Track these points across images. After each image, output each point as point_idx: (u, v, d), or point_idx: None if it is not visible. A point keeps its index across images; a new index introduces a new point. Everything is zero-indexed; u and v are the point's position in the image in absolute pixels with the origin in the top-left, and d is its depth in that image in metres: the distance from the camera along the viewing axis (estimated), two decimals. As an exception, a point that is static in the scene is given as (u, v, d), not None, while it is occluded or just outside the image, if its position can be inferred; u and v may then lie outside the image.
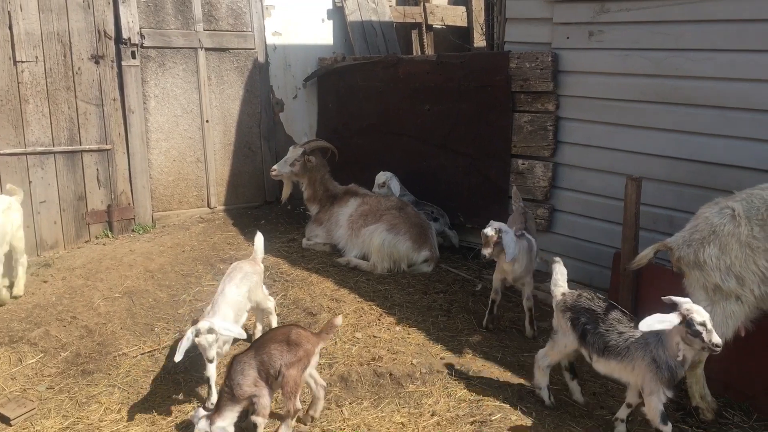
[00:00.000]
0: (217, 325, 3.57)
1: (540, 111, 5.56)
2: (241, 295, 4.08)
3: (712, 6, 4.42)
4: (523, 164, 5.72)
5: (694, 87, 4.59)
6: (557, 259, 3.97)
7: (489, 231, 4.29)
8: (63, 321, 4.84)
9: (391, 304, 5.12)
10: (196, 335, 3.54)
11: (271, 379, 3.47)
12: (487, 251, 4.32)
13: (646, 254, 3.78)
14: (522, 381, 4.05)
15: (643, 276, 4.33)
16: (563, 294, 3.75)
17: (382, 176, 6.43)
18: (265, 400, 3.46)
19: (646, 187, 4.41)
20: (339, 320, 3.76)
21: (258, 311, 4.50)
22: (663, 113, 4.78)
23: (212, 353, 3.60)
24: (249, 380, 3.43)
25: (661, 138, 4.81)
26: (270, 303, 4.49)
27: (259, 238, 4.56)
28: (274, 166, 6.41)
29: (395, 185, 6.31)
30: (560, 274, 3.86)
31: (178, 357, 3.51)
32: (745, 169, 4.36)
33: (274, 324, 4.48)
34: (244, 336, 3.75)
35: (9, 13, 5.73)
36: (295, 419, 3.58)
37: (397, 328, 4.73)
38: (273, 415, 3.66)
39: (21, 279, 5.22)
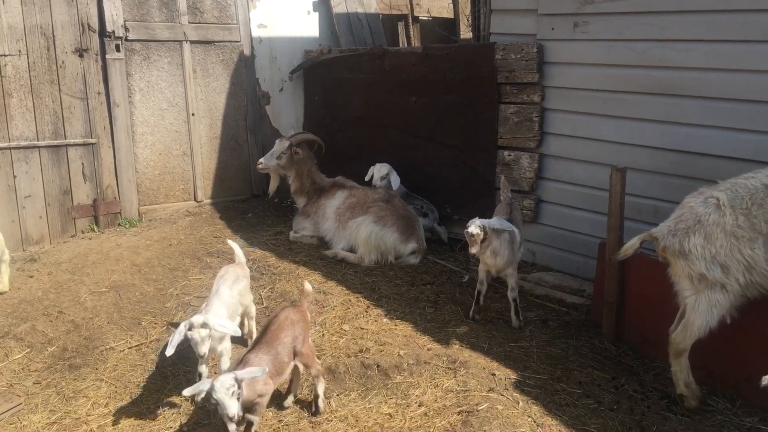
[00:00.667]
0: (212, 321, 3.54)
1: (526, 102, 5.58)
2: (233, 296, 4.06)
3: (696, -4, 4.45)
4: (510, 155, 5.73)
5: (678, 77, 4.62)
6: None
7: (474, 230, 4.27)
8: (49, 316, 4.82)
9: (379, 296, 5.13)
10: (189, 329, 3.49)
11: (285, 365, 3.55)
12: (474, 249, 4.31)
13: (632, 244, 3.80)
14: (509, 371, 4.07)
15: (628, 266, 4.37)
16: None
17: (383, 168, 6.36)
18: (266, 401, 3.45)
19: (630, 177, 4.43)
20: (309, 287, 3.95)
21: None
22: (647, 104, 4.81)
23: (204, 349, 3.53)
24: (262, 378, 3.35)
25: (645, 128, 4.84)
26: (254, 309, 4.46)
27: (235, 246, 4.54)
28: (261, 159, 6.39)
29: (395, 179, 6.30)
30: None
31: (170, 351, 3.43)
32: (728, 158, 4.40)
33: (254, 329, 4.45)
34: (239, 333, 3.73)
35: (-9, 6, 5.68)
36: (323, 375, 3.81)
37: (385, 320, 4.74)
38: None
39: (4, 275, 5.17)
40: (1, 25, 5.73)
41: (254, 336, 4.42)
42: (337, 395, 3.90)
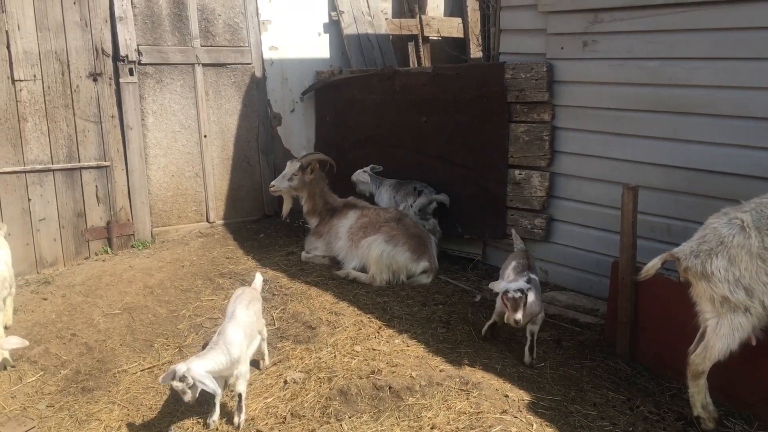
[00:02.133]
0: (194, 372, 3.52)
1: (536, 121, 5.58)
2: (250, 317, 4.06)
3: (705, 15, 4.45)
4: (520, 174, 5.73)
5: (689, 95, 4.61)
6: None
7: (516, 293, 4.09)
8: (63, 338, 4.85)
9: (390, 316, 5.11)
10: (172, 378, 3.51)
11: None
12: (519, 315, 4.10)
13: (653, 265, 3.76)
14: (522, 393, 4.04)
15: (642, 285, 4.33)
16: None
17: (361, 176, 6.72)
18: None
19: (642, 195, 4.41)
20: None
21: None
22: (658, 122, 4.80)
23: (187, 398, 3.55)
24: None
25: (656, 146, 4.83)
26: (265, 330, 4.45)
27: (259, 277, 4.58)
28: (273, 182, 6.41)
29: (365, 177, 6.62)
30: None
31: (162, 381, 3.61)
32: (740, 176, 4.37)
33: (266, 350, 4.44)
34: (219, 393, 3.72)
35: (7, 32, 5.77)
36: None
37: (397, 341, 4.72)
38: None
39: (9, 308, 5.01)
40: (16, 50, 5.83)
41: (266, 356, 4.43)
42: (350, 417, 3.87)
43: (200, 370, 3.55)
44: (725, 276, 3.46)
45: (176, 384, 3.52)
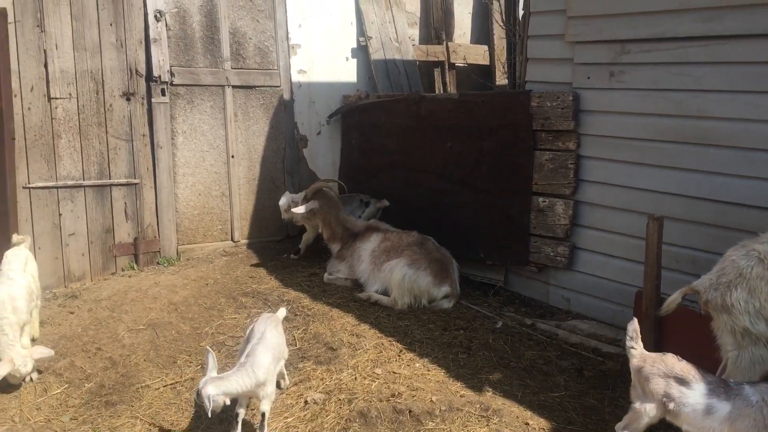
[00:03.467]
0: (209, 391, 3.58)
1: (561, 149, 5.61)
2: (278, 337, 4.09)
3: (732, 48, 4.46)
4: (544, 202, 5.75)
5: (715, 127, 4.61)
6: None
7: None
8: (88, 352, 4.92)
9: (411, 340, 5.13)
10: (197, 395, 3.61)
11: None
12: None
13: (674, 299, 3.75)
14: (543, 421, 4.02)
15: (666, 316, 4.30)
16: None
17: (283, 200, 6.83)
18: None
19: (667, 226, 4.40)
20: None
21: None
22: (683, 153, 4.80)
23: (209, 412, 3.56)
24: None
25: (682, 178, 4.82)
26: (287, 353, 4.44)
27: (282, 311, 4.57)
28: (294, 210, 6.48)
29: (287, 199, 6.78)
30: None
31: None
32: (765, 209, 4.35)
33: (285, 371, 4.44)
34: (261, 379, 3.75)
35: (45, 51, 5.95)
36: None
37: (417, 365, 4.73)
38: None
39: (35, 321, 5.09)
40: (53, 69, 6.00)
41: (286, 377, 4.45)
42: (369, 440, 3.88)
43: (213, 391, 3.60)
44: (745, 308, 3.44)
45: (200, 399, 3.59)
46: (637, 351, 3.37)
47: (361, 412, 4.09)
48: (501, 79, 9.07)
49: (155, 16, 6.50)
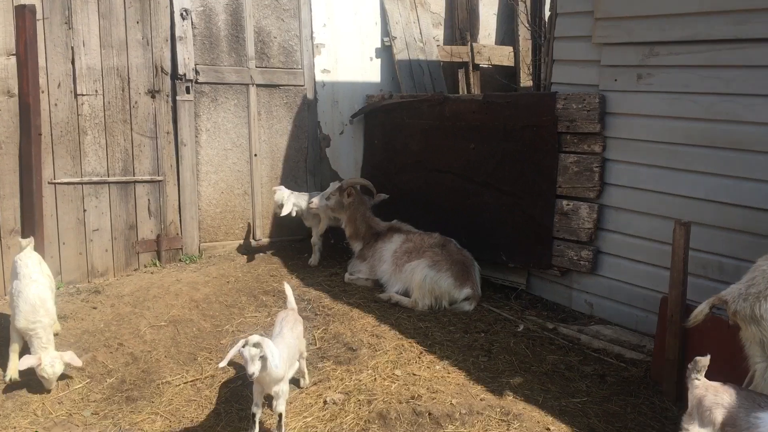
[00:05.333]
0: (266, 343, 3.55)
1: (586, 152, 5.54)
2: (295, 338, 4.06)
3: (764, 52, 4.38)
4: (568, 205, 5.68)
5: (745, 132, 4.53)
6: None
7: None
8: (110, 347, 4.95)
9: (432, 342, 5.10)
10: (244, 345, 3.51)
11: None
12: None
13: (701, 310, 3.68)
14: (564, 427, 3.97)
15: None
16: None
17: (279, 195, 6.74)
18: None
19: (695, 231, 4.33)
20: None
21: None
22: (712, 157, 4.72)
23: (253, 368, 3.48)
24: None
25: (710, 182, 4.74)
26: (306, 352, 4.45)
27: (288, 290, 4.52)
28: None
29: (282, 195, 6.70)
30: None
31: (222, 363, 3.60)
32: (798, 216, 4.27)
33: (305, 369, 4.44)
34: (279, 369, 3.66)
35: (72, 48, 6.00)
36: None
37: (438, 367, 4.70)
38: None
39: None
40: (80, 66, 6.04)
41: (306, 375, 4.44)
42: (388, 442, 3.86)
43: (271, 345, 3.59)
44: None
45: (250, 350, 3.49)
46: (701, 382, 3.23)
47: (381, 414, 4.07)
48: (526, 80, 9.00)
49: (181, 15, 6.54)
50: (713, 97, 4.68)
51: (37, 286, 4.55)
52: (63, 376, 4.51)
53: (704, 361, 3.25)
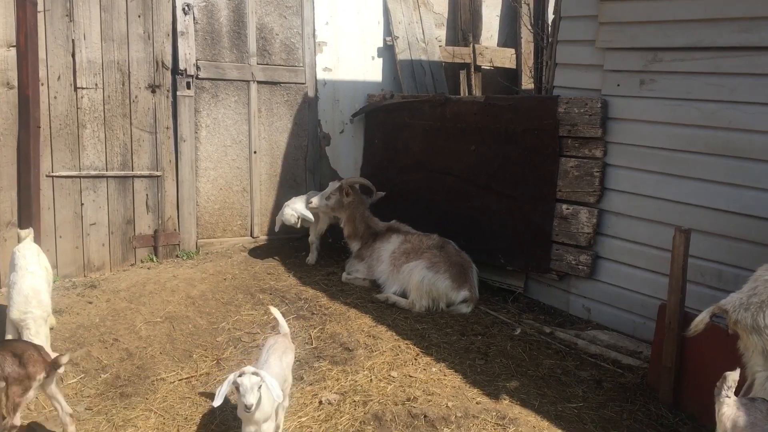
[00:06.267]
0: (263, 373, 3.38)
1: (587, 157, 5.53)
2: (283, 368, 3.79)
3: (768, 59, 4.37)
4: (568, 209, 5.67)
5: (748, 140, 4.52)
6: None
7: None
8: (105, 343, 4.93)
9: (428, 344, 5.08)
10: (240, 375, 3.33)
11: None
12: None
13: (701, 319, 3.65)
14: None
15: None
16: None
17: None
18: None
19: (694, 239, 4.32)
20: (65, 359, 3.72)
21: None
22: (714, 165, 4.71)
23: (251, 399, 3.29)
24: None
25: (711, 190, 4.73)
26: (291, 380, 4.07)
27: (278, 314, 4.23)
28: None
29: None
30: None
31: (217, 402, 3.33)
32: (799, 226, 4.26)
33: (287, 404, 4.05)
34: (281, 399, 3.48)
35: (73, 41, 5.97)
36: None
37: (434, 369, 4.68)
38: None
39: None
40: (81, 59, 6.01)
41: (286, 403, 3.99)
42: (383, 444, 3.84)
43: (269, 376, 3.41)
44: None
45: (250, 378, 3.32)
46: (731, 399, 3.11)
47: (376, 415, 4.06)
48: (527, 83, 8.98)
49: (183, 9, 6.50)
50: (716, 105, 4.67)
51: (32, 278, 4.53)
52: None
53: (734, 375, 3.13)
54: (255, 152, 7.12)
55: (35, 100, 5.72)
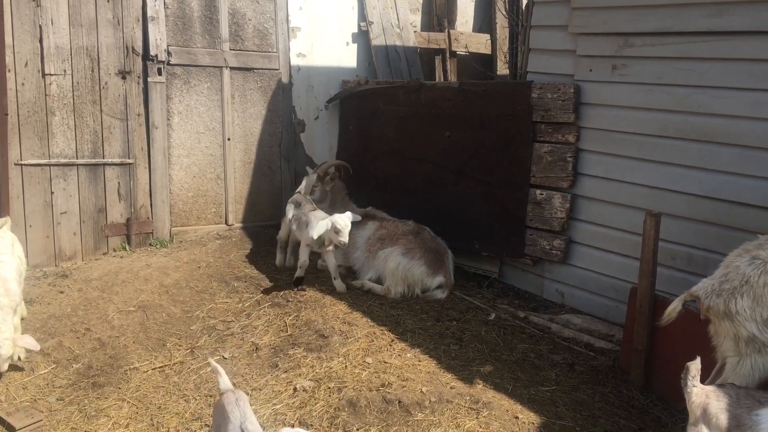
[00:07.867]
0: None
1: (560, 142, 5.55)
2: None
3: (738, 45, 4.41)
4: (541, 194, 5.70)
5: (718, 124, 4.56)
6: None
7: None
8: (77, 332, 4.87)
9: (404, 329, 5.09)
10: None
11: None
12: None
13: (674, 307, 3.69)
14: (533, 415, 4.00)
15: (659, 313, 4.27)
16: None
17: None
18: None
19: (665, 223, 4.36)
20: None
21: None
22: (685, 149, 4.75)
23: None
24: None
25: (682, 174, 4.78)
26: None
27: (221, 370, 3.35)
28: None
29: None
30: None
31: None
32: (766, 209, 4.31)
33: None
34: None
35: (40, 26, 5.85)
36: None
37: (408, 355, 4.70)
38: None
39: (21, 301, 4.78)
40: (48, 45, 5.90)
41: None
42: (357, 430, 3.85)
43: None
44: (751, 315, 3.40)
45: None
46: (698, 389, 3.14)
47: (351, 401, 4.06)
48: (502, 68, 8.99)
49: (154, -6, 6.40)
50: (686, 90, 4.71)
51: (1, 267, 4.45)
52: (26, 361, 4.43)
53: (696, 365, 3.19)
54: (229, 139, 7.06)
55: (2, 87, 5.61)
